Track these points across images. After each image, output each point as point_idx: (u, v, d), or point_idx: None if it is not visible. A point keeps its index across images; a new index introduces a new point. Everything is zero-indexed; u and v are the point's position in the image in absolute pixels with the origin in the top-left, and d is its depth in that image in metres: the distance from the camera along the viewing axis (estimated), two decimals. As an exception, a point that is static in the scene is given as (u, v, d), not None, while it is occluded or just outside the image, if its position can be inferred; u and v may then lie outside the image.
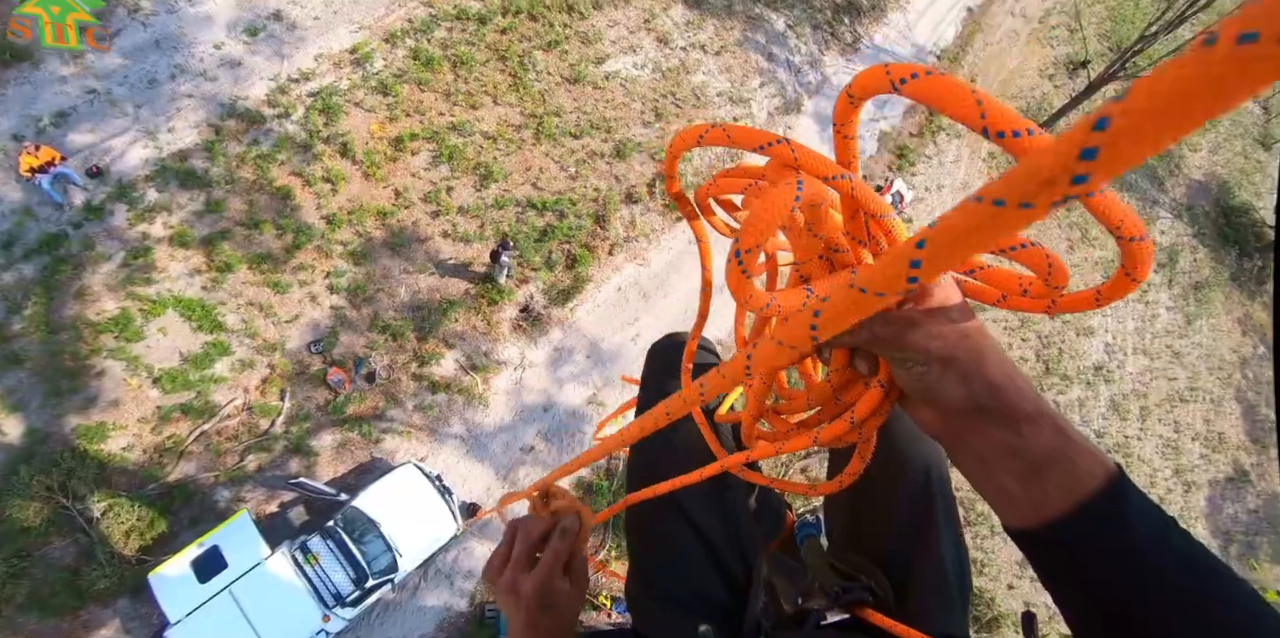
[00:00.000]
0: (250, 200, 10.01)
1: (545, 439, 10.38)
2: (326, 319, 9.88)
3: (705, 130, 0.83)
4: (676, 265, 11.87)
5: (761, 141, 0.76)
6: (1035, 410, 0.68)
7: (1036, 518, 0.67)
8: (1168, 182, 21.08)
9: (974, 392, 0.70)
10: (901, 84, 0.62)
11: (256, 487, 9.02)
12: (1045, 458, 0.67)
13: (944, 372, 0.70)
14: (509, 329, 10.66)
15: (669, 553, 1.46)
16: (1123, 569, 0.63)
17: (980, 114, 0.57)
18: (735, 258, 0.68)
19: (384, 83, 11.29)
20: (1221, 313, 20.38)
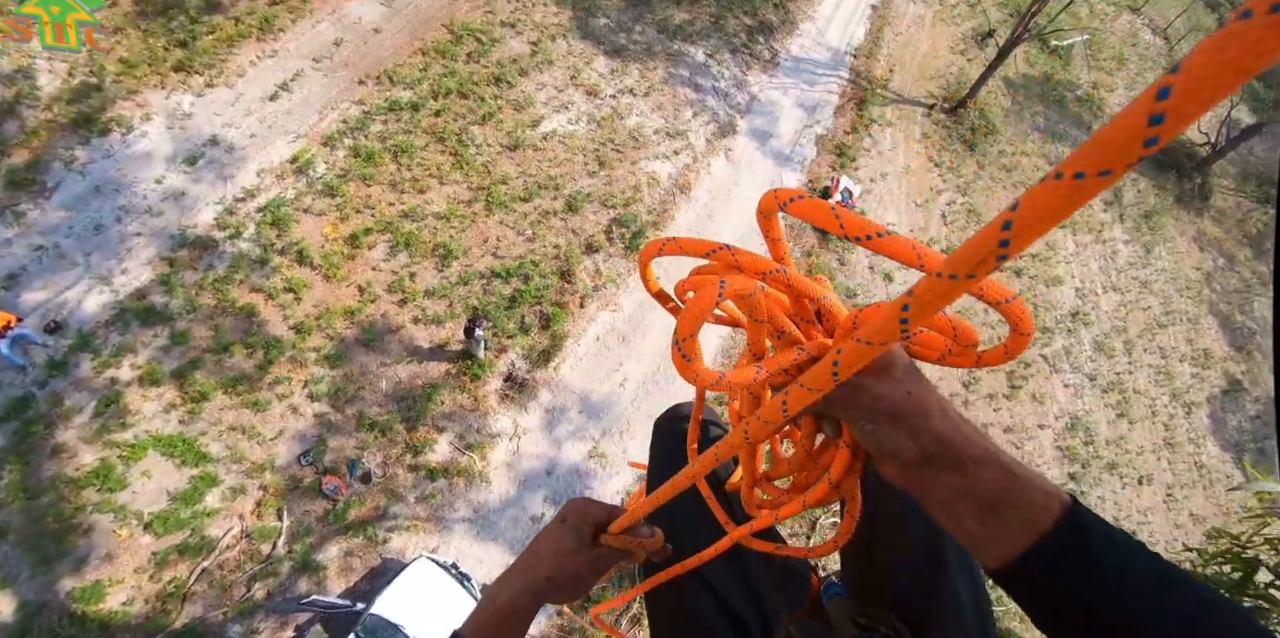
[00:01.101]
0: (215, 325, 8.50)
1: (553, 504, 8.71)
2: (312, 428, 8.30)
3: (664, 244, 0.82)
4: (649, 304, 10.18)
5: (707, 249, 0.76)
6: (981, 453, 0.63)
7: (1004, 556, 0.60)
8: (1095, 124, 19.12)
9: (922, 443, 0.65)
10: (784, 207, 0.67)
11: (268, 615, 7.42)
12: (997, 496, 0.61)
13: (892, 427, 0.66)
14: (497, 401, 9.01)
15: (695, 627, 1.24)
16: (1100, 593, 0.57)
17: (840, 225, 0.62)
18: (675, 346, 0.66)
19: (329, 185, 9.79)
20: (1176, 235, 18.73)
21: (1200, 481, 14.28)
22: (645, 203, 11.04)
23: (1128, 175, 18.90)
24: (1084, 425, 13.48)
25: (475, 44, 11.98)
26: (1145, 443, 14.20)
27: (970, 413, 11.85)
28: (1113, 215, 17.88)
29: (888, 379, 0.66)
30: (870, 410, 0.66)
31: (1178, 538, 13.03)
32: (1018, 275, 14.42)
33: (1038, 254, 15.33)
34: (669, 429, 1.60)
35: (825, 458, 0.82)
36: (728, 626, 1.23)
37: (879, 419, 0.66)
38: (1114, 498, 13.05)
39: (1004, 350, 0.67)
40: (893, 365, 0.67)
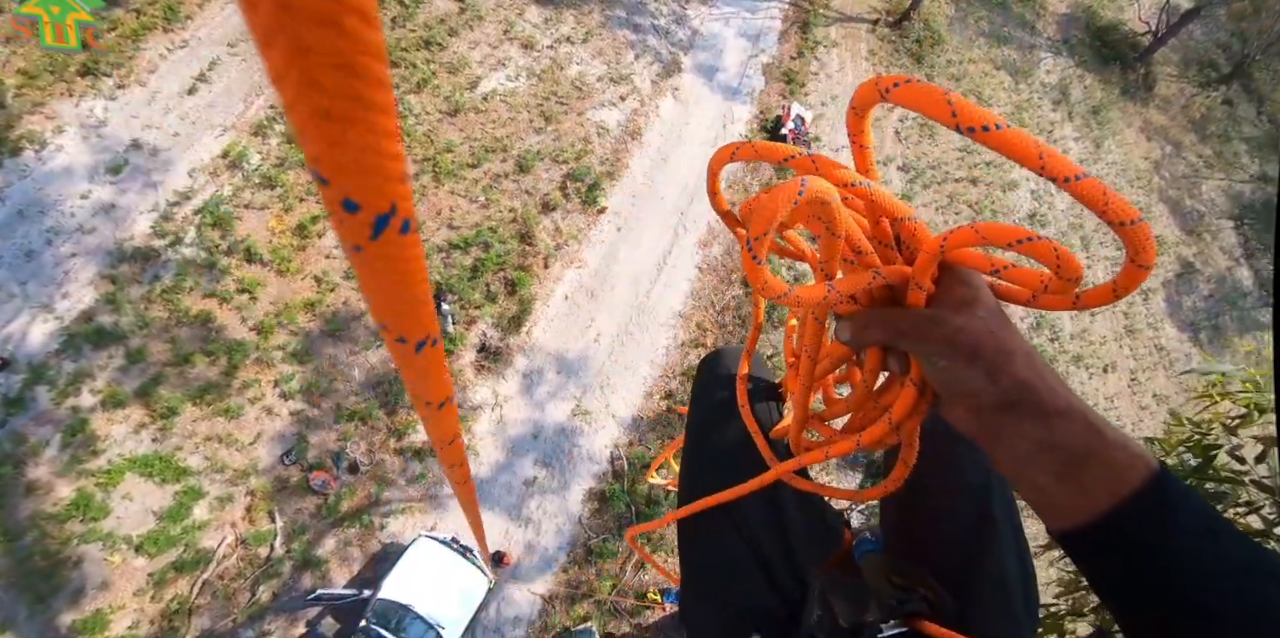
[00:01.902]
0: (171, 338, 7.33)
1: (544, 466, 7.83)
2: (290, 427, 7.29)
3: (737, 148, 0.66)
4: (613, 256, 8.95)
5: (784, 155, 0.62)
6: (1066, 406, 0.51)
7: (1078, 517, 0.49)
8: (1038, 23, 17.25)
9: (1002, 387, 0.52)
10: (887, 93, 0.51)
11: (277, 616, 6.67)
12: (1080, 454, 0.50)
13: (969, 367, 0.53)
14: (473, 373, 7.95)
15: (722, 563, 1.09)
16: (1172, 566, 0.46)
17: (951, 113, 0.48)
18: (746, 246, 0.55)
19: (267, 176, 8.35)
20: (1124, 128, 17.48)
21: (1161, 362, 13.58)
22: (597, 154, 9.55)
23: (1074, 73, 17.27)
24: (1048, 324, 12.64)
25: (399, 7, 10.14)
26: (1107, 333, 13.45)
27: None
28: (1062, 114, 16.40)
29: (969, 314, 0.55)
30: (948, 345, 0.55)
31: (1143, 419, 12.43)
32: (974, 184, 13.04)
33: (992, 161, 13.90)
34: (713, 375, 1.33)
35: (887, 397, 0.68)
36: (755, 567, 1.05)
37: (956, 356, 0.54)
38: (1081, 388, 12.30)
39: (1112, 288, 0.52)
40: (976, 301, 0.56)
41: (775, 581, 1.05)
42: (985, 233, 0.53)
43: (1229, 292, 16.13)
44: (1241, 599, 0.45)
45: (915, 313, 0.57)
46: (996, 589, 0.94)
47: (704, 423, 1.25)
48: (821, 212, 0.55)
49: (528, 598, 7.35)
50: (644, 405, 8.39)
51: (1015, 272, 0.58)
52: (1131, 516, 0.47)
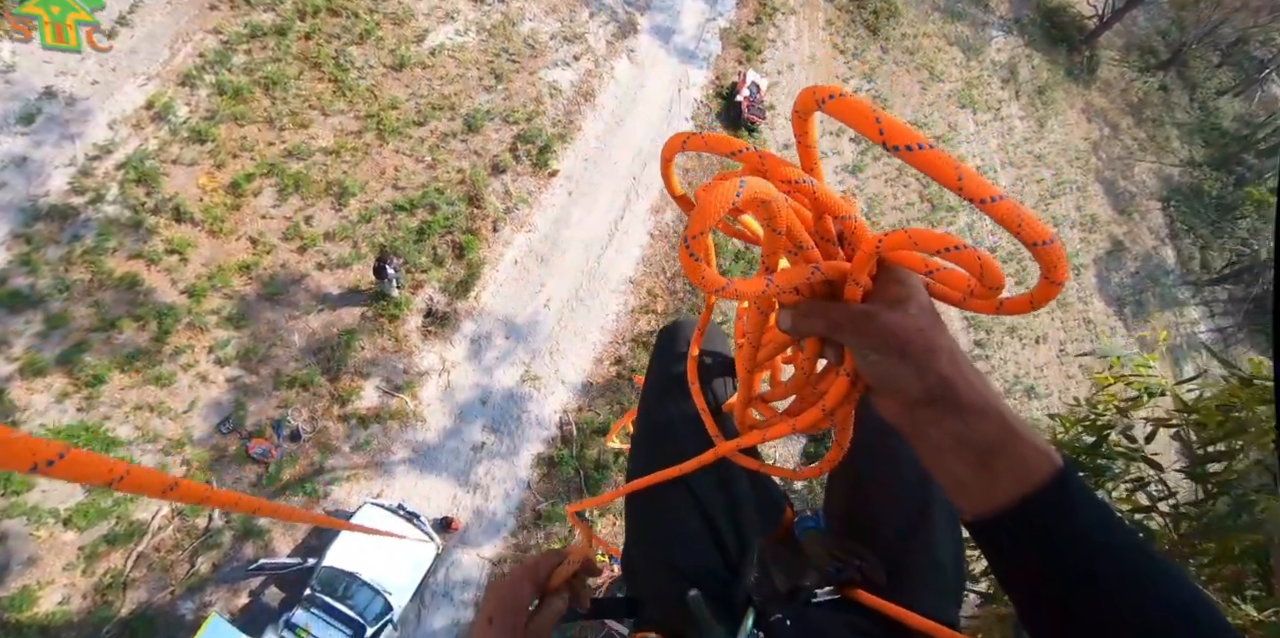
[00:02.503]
0: (95, 301, 6.88)
1: (492, 431, 7.77)
2: (226, 395, 7.01)
3: (687, 138, 0.67)
4: (564, 221, 8.77)
5: (733, 149, 0.63)
6: (983, 403, 0.55)
7: (988, 505, 0.54)
8: (991, 1, 17.24)
9: (927, 383, 0.55)
10: (822, 104, 0.53)
11: (218, 587, 6.51)
12: (993, 448, 0.54)
13: (899, 362, 0.56)
14: (419, 338, 7.76)
15: (668, 521, 1.13)
16: (1068, 548, 0.52)
17: (879, 130, 0.50)
18: (684, 244, 0.55)
19: (196, 129, 7.80)
20: (1066, 108, 17.91)
21: (1088, 335, 14.31)
22: (549, 115, 9.26)
23: (1023, 52, 17.57)
24: (988, 295, 13.06)
25: (338, -48, 9.45)
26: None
27: (889, 294, 11.10)
28: (1009, 92, 16.69)
29: (901, 311, 0.57)
30: (879, 340, 0.57)
31: (1069, 387, 13.13)
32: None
33: (941, 136, 14.15)
34: (670, 348, 1.36)
35: (824, 384, 0.71)
36: (703, 528, 1.09)
37: (887, 351, 0.57)
38: (1015, 358, 12.89)
39: (1029, 300, 0.56)
40: (909, 299, 0.58)
41: (719, 540, 1.09)
42: (917, 238, 0.55)
43: (1153, 269, 16.96)
44: (1119, 568, 0.50)
45: (851, 308, 0.59)
46: (929, 569, 1.00)
47: (658, 395, 1.27)
48: (762, 209, 0.56)
49: (476, 562, 7.36)
50: (594, 371, 8.38)
51: (946, 274, 0.61)
52: (1037, 505, 0.51)
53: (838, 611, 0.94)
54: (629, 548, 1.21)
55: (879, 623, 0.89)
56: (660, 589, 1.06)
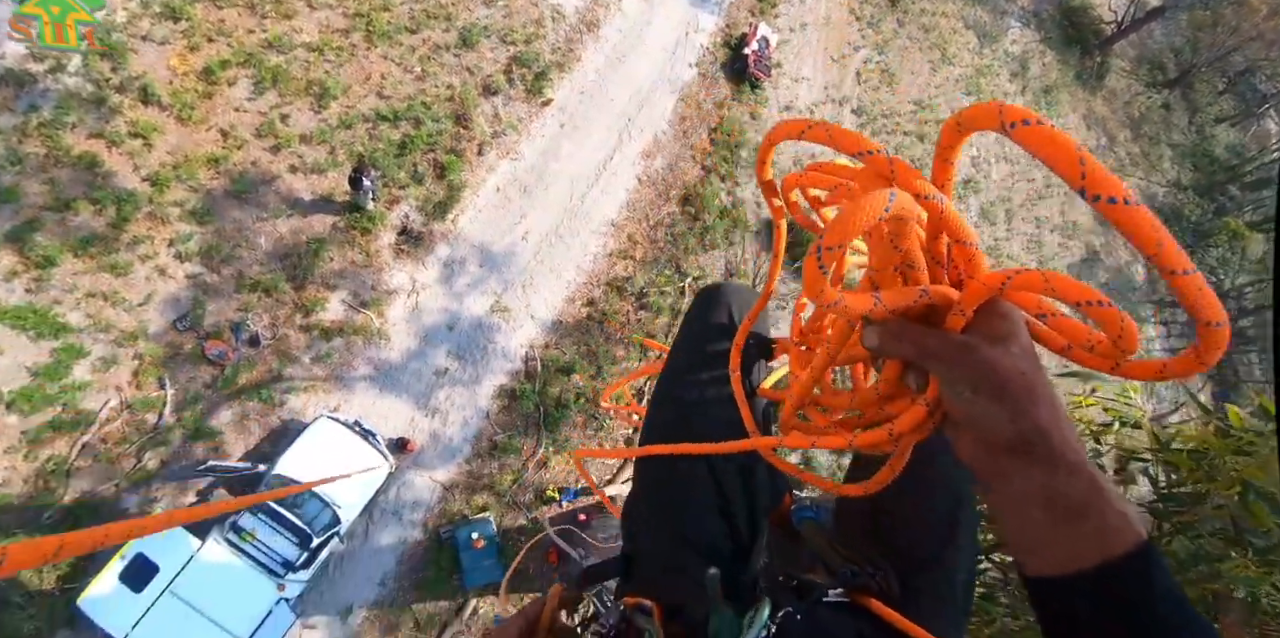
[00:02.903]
0: (50, 179, 6.62)
1: (456, 358, 7.84)
2: (185, 291, 6.89)
3: (808, 127, 0.63)
4: (552, 153, 8.66)
5: (861, 148, 0.59)
6: (1077, 460, 0.54)
7: (1064, 566, 0.52)
8: (1015, -14, 17.11)
9: (1020, 429, 0.53)
10: (1011, 128, 0.47)
11: (165, 483, 6.56)
12: (1081, 507, 0.52)
13: (994, 403, 0.54)
14: (391, 256, 7.70)
15: (683, 491, 1.13)
16: (1153, 626, 0.50)
17: (1080, 174, 0.45)
18: (815, 253, 0.52)
19: (170, 5, 7.40)
20: (1069, 111, 18.11)
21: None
22: (549, 40, 9.03)
23: (1037, 48, 17.61)
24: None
25: None
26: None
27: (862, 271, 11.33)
28: (1017, 87, 16.78)
29: (1003, 349, 0.55)
30: (977, 378, 0.55)
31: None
32: (921, 141, 13.35)
33: (942, 120, 14.15)
34: (707, 316, 1.29)
35: (894, 407, 0.68)
36: (715, 500, 1.11)
37: (983, 390, 0.54)
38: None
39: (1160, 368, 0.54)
40: (1013, 337, 0.56)
41: (733, 524, 1.10)
42: (1055, 284, 0.53)
43: (1123, 284, 17.60)
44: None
45: (951, 338, 0.57)
46: (944, 595, 1.01)
47: (687, 366, 1.25)
48: (896, 227, 0.55)
49: (428, 485, 7.55)
50: (565, 310, 8.47)
51: (1063, 321, 0.59)
52: (1121, 573, 0.51)
53: (844, 613, 0.93)
54: (635, 505, 1.20)
55: (885, 635, 0.88)
56: (663, 556, 1.07)
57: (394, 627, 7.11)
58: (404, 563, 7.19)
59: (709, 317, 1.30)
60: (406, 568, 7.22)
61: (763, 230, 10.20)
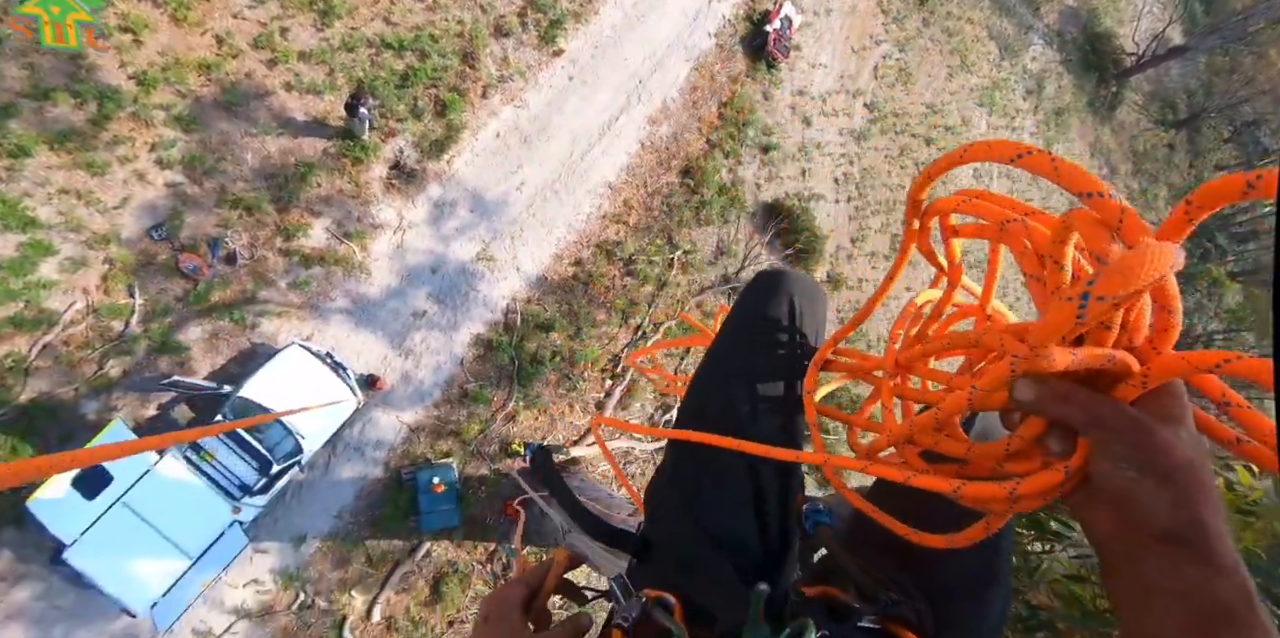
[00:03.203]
0: (30, 64, 6.41)
1: (436, 301, 7.80)
2: (163, 199, 6.75)
3: (1026, 151, 0.59)
4: (558, 106, 8.57)
5: (1090, 189, 0.55)
6: (1234, 563, 0.50)
7: None
8: (1043, 7, 17.36)
9: (1181, 520, 0.51)
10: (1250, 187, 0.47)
11: (126, 392, 6.47)
12: (1227, 614, 0.48)
13: (1157, 487, 0.51)
14: (381, 189, 7.60)
15: (718, 481, 1.09)
16: None
17: None
18: (1080, 300, 0.49)
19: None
20: (1076, 137, 18.39)
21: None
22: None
23: (1056, 69, 17.77)
24: (944, 293, 13.66)
25: None
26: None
27: (850, 266, 11.48)
28: (1030, 105, 16.97)
29: (1173, 432, 0.53)
30: (1145, 458, 0.52)
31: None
32: (928, 145, 13.47)
33: (952, 128, 14.35)
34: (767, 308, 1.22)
35: (1017, 465, 0.64)
36: (749, 497, 1.08)
37: (1150, 472, 0.51)
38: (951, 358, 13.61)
39: None
40: (1182, 420, 0.54)
41: (764, 521, 1.07)
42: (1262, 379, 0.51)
43: None
44: None
45: (1125, 410, 0.55)
46: (978, 626, 0.98)
47: (742, 350, 1.21)
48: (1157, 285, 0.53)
49: (394, 425, 7.58)
50: (552, 267, 8.46)
51: (1247, 414, 0.56)
52: None
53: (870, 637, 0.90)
54: (663, 488, 1.17)
55: None
56: (687, 548, 1.04)
57: (346, 560, 7.19)
58: (362, 499, 7.24)
59: (768, 304, 1.24)
60: (364, 504, 7.28)
61: (759, 213, 10.26)
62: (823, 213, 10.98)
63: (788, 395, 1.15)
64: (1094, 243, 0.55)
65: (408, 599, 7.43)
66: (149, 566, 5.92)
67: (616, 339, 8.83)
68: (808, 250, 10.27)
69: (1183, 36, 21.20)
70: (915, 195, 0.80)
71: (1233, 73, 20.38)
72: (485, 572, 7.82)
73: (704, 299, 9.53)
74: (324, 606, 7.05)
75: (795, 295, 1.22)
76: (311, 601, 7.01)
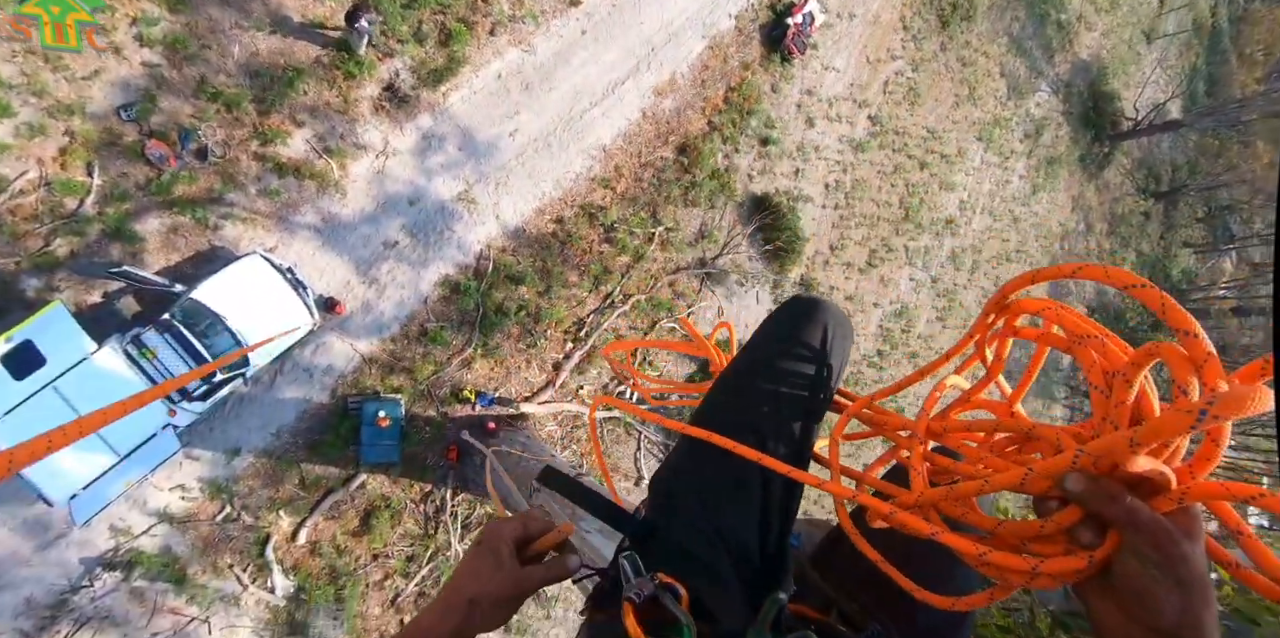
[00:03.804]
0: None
1: (410, 234, 7.77)
2: (138, 78, 6.56)
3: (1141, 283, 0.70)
4: (565, 57, 8.58)
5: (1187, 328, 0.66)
6: None
7: None
8: (1057, 56, 17.99)
9: (1184, 623, 0.60)
10: None
11: (71, 275, 6.32)
12: None
13: (1173, 590, 0.60)
14: (370, 109, 7.53)
15: (731, 487, 1.15)
16: None
17: None
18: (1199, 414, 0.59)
19: None
20: (1062, 189, 18.99)
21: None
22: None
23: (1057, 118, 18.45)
24: (909, 316, 14.22)
25: None
26: (945, 346, 15.22)
27: (825, 273, 11.79)
28: (1025, 148, 17.65)
29: (1193, 546, 0.62)
30: (1170, 563, 0.60)
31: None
32: (921, 168, 13.89)
33: (947, 156, 14.83)
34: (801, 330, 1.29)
35: (1045, 547, 0.71)
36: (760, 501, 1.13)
37: (1170, 576, 0.60)
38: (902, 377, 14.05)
39: None
40: (1198, 538, 0.63)
41: (766, 533, 1.13)
42: None
43: (1049, 365, 18.90)
44: None
45: (1161, 519, 0.63)
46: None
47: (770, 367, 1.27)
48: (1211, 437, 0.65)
49: (347, 353, 7.56)
50: (532, 220, 8.49)
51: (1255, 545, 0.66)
52: None
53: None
54: (675, 480, 1.23)
55: None
56: (692, 542, 1.09)
57: (278, 480, 7.18)
58: (303, 421, 7.23)
59: (803, 330, 1.31)
60: (305, 426, 7.26)
61: (746, 204, 10.45)
62: (808, 215, 11.24)
63: (806, 424, 1.23)
64: (1179, 373, 0.65)
65: (335, 527, 7.47)
66: (72, 457, 5.81)
67: (585, 303, 8.95)
68: (787, 249, 10.51)
69: (1181, 112, 22.27)
70: (1008, 293, 0.88)
71: (1219, 156, 21.49)
72: (418, 511, 7.84)
73: (677, 279, 9.68)
74: (249, 521, 7.05)
75: (830, 325, 1.29)
76: (238, 514, 7.00)
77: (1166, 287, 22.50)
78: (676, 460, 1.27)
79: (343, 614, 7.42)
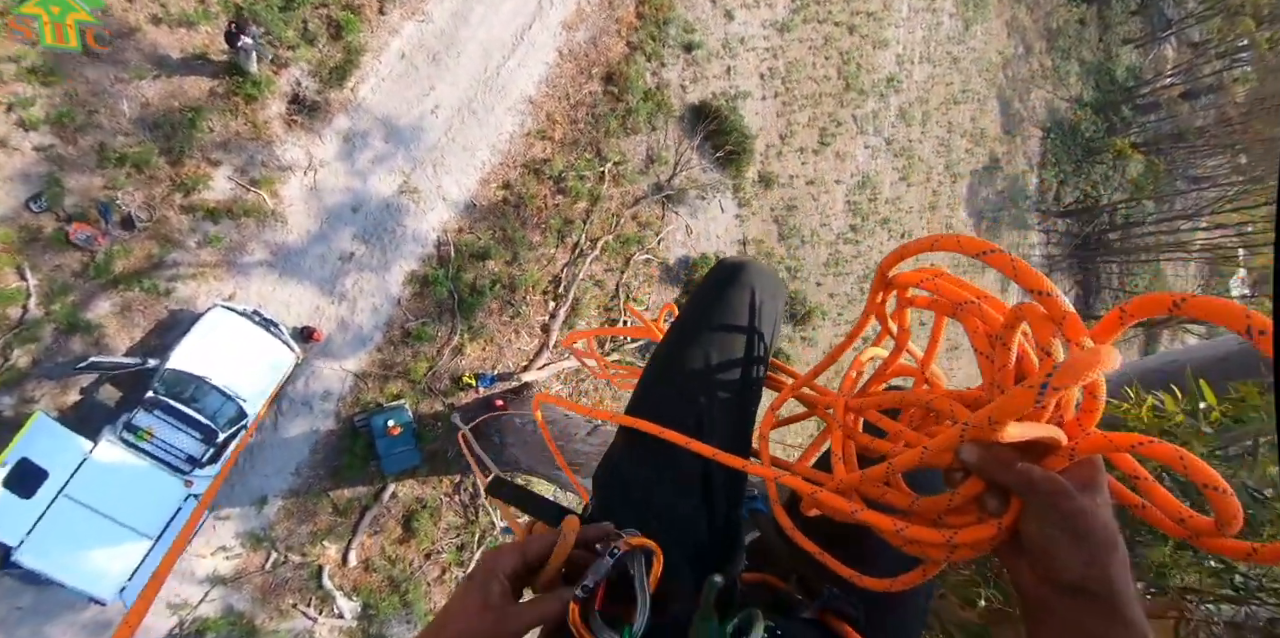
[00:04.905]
0: None
1: (363, 242, 7.80)
2: (35, 166, 6.36)
3: (990, 249, 0.72)
4: (463, 17, 8.26)
5: (1042, 288, 0.68)
6: (1135, 617, 0.60)
7: None
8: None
9: (1091, 575, 0.61)
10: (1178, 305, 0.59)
11: (41, 382, 6.32)
12: None
13: (1075, 545, 0.62)
14: (282, 127, 7.35)
15: (671, 463, 1.13)
16: None
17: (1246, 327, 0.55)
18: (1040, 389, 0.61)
19: None
20: (994, 17, 18.52)
21: (947, 238, 16.22)
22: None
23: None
24: (872, 184, 14.42)
25: None
26: (915, 204, 15.61)
27: (781, 164, 11.92)
28: (947, -22, 17.07)
29: (1090, 497, 0.63)
30: (1066, 520, 0.62)
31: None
32: (851, 32, 13.64)
33: (874, 13, 14.50)
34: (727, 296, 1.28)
35: (958, 518, 0.74)
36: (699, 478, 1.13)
37: (1069, 532, 0.62)
38: (880, 247, 14.58)
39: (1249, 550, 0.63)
40: (1098, 487, 0.65)
41: (712, 510, 1.13)
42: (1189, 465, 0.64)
43: (1016, 192, 19.13)
44: None
45: (1053, 478, 0.64)
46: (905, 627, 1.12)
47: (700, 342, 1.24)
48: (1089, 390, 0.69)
49: (338, 375, 7.73)
50: (480, 192, 8.49)
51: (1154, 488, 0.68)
52: None
53: (813, 631, 0.99)
54: (612, 467, 1.22)
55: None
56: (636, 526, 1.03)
57: (312, 513, 7.54)
58: (318, 452, 7.52)
59: (728, 296, 1.29)
60: (321, 457, 7.55)
61: (686, 116, 10.39)
62: (750, 111, 11.21)
63: (742, 400, 1.22)
64: (1040, 334, 0.69)
65: (381, 540, 7.90)
66: (108, 553, 6.00)
67: (555, 259, 9.07)
68: (738, 151, 10.54)
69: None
70: (885, 270, 0.93)
71: (1142, -53, 20.82)
72: (454, 502, 8.31)
73: (638, 210, 9.81)
74: (298, 559, 7.44)
75: (756, 288, 1.28)
76: (285, 557, 7.37)
77: (1114, 88, 22.64)
78: (613, 450, 1.26)
79: (414, 616, 7.91)
